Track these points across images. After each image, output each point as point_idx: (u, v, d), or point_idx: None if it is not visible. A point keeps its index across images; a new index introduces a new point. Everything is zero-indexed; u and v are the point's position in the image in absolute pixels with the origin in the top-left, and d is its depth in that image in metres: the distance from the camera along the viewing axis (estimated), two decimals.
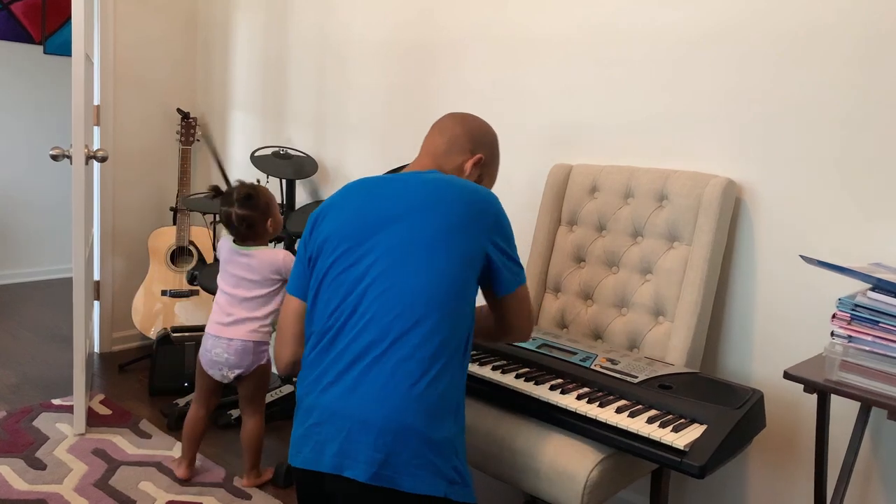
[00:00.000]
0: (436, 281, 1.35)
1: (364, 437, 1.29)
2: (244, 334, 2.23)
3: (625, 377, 1.65)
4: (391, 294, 1.34)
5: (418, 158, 1.64)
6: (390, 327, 1.32)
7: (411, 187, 1.45)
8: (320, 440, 1.34)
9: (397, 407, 1.29)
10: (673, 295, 1.91)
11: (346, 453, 1.30)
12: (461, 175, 1.61)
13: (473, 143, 1.64)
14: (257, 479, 2.36)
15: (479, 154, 1.64)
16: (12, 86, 4.54)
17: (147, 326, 3.28)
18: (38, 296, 4.42)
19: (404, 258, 1.36)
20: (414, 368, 1.30)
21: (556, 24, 2.34)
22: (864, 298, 1.49)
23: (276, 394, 2.84)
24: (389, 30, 2.83)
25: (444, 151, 1.61)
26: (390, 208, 1.42)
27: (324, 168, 3.13)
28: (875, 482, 1.81)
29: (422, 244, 1.37)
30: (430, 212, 1.40)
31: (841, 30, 1.78)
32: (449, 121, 1.66)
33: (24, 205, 4.70)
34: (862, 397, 1.45)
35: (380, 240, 1.39)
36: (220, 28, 3.56)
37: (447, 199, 1.42)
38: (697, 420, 1.49)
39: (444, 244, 1.37)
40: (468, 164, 1.62)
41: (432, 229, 1.38)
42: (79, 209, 2.48)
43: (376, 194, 1.46)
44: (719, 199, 1.87)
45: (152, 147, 3.60)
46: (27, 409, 2.77)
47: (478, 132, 1.65)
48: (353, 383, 1.32)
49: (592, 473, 1.52)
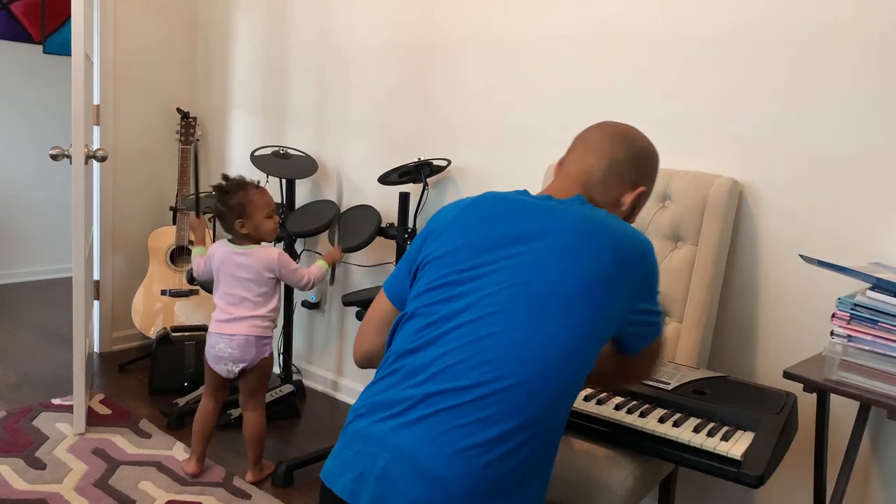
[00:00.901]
0: (551, 352, 1.09)
1: (412, 486, 1.06)
2: (246, 329, 2.26)
3: (657, 384, 1.61)
4: (490, 343, 1.10)
5: (562, 181, 1.31)
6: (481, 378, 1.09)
7: (557, 217, 1.18)
8: (366, 472, 1.10)
9: (461, 473, 1.05)
10: (680, 295, 1.91)
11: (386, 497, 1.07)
12: (615, 210, 1.31)
13: (638, 173, 1.31)
14: (261, 473, 2.38)
15: (642, 186, 1.32)
16: (12, 86, 4.53)
17: (147, 326, 3.28)
18: (38, 296, 4.42)
19: (523, 305, 1.11)
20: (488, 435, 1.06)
21: (557, 25, 2.34)
22: (863, 298, 1.49)
23: (276, 393, 2.84)
24: (389, 30, 2.83)
25: (601, 180, 1.29)
26: (519, 238, 1.17)
27: (324, 168, 3.13)
28: (874, 481, 1.81)
29: (548, 294, 1.11)
30: (571, 257, 1.13)
31: (842, 32, 1.78)
32: (604, 139, 1.31)
33: (24, 205, 4.70)
34: (861, 396, 1.45)
35: (497, 272, 1.15)
36: (221, 28, 3.56)
37: (597, 241, 1.15)
38: (741, 427, 1.45)
39: (575, 304, 1.11)
40: (628, 198, 1.31)
41: (569, 281, 1.12)
42: (78, 209, 2.48)
43: (509, 217, 1.20)
44: (725, 198, 1.87)
45: (152, 147, 3.60)
46: (27, 409, 2.77)
47: (643, 157, 1.32)
48: (421, 424, 1.09)
49: (628, 481, 1.48)
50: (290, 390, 2.89)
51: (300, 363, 3.29)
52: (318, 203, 2.96)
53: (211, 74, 3.63)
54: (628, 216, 1.35)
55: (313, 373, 3.25)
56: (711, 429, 1.43)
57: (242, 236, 2.30)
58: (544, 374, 1.08)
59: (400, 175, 2.58)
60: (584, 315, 1.11)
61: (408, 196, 2.60)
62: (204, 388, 2.38)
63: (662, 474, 1.68)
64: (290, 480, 2.37)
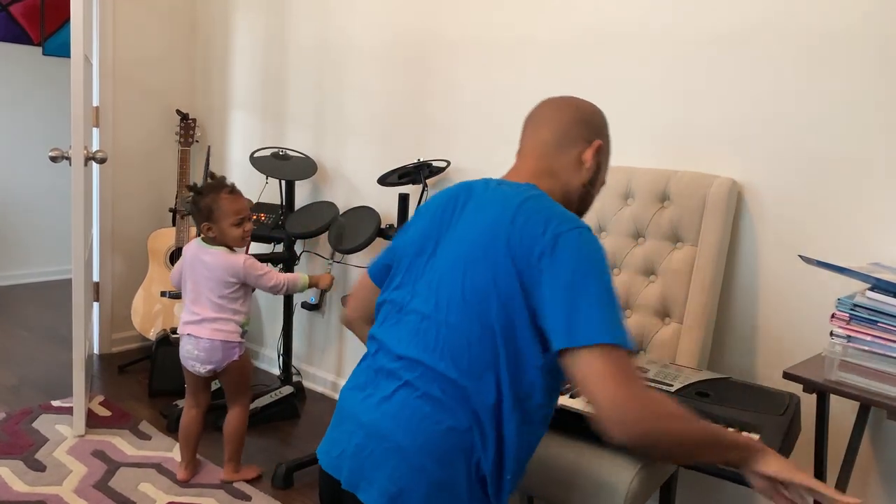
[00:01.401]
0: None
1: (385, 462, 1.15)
2: (209, 333, 2.24)
3: (660, 386, 1.60)
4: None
5: (520, 161, 1.35)
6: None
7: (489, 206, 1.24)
8: (345, 449, 1.22)
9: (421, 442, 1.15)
10: (680, 296, 1.91)
11: (362, 471, 1.18)
12: (580, 168, 1.33)
13: (589, 130, 1.34)
14: (235, 473, 2.35)
15: (597, 141, 1.33)
16: (11, 87, 4.53)
17: (146, 327, 3.28)
18: (37, 297, 4.42)
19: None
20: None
21: (555, 26, 2.34)
22: (863, 298, 1.49)
23: (275, 395, 2.84)
24: (389, 31, 2.83)
25: (556, 146, 1.32)
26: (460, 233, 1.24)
27: (323, 169, 3.13)
28: (874, 482, 1.81)
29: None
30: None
31: (844, 35, 1.78)
32: (550, 109, 1.36)
33: (24, 206, 4.70)
34: (861, 397, 1.45)
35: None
36: (220, 29, 3.56)
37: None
38: (747, 429, 1.44)
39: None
40: (587, 154, 1.32)
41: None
42: (78, 210, 2.48)
43: (460, 210, 1.29)
44: (725, 199, 1.87)
45: (151, 148, 3.60)
46: (27, 411, 2.77)
47: (590, 114, 1.35)
48: (388, 401, 1.19)
49: (633, 484, 1.47)
50: (290, 391, 2.89)
51: (300, 364, 3.28)
52: (317, 204, 2.95)
53: (210, 76, 3.63)
54: (596, 174, 1.36)
55: (313, 374, 3.25)
56: None
57: (210, 239, 2.28)
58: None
59: (399, 176, 2.58)
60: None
61: (407, 197, 2.60)
62: (186, 395, 2.37)
63: (664, 476, 1.68)
64: (289, 482, 2.37)
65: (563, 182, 1.31)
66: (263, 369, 3.44)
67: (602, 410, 1.05)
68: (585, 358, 1.06)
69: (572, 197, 1.33)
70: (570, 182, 1.32)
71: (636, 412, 1.03)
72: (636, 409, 1.04)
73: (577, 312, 1.08)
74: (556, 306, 1.10)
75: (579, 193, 1.34)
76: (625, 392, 1.04)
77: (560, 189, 1.31)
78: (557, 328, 1.09)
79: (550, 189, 1.29)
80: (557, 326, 1.09)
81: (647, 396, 1.06)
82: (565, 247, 1.12)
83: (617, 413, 1.03)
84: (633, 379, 1.06)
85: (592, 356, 1.05)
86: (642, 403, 1.04)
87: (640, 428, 1.04)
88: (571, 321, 1.08)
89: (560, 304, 1.09)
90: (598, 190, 1.40)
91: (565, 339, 1.08)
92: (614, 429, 1.04)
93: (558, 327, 1.09)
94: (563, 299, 1.09)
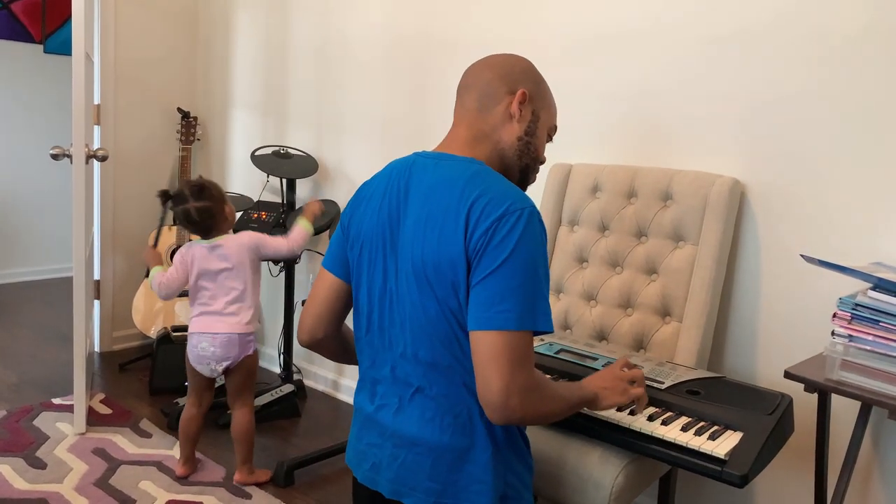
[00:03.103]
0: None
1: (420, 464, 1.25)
2: (228, 327, 2.25)
3: (651, 383, 1.61)
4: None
5: (453, 130, 1.32)
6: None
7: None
8: (376, 462, 1.30)
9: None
10: (681, 295, 1.91)
11: (402, 480, 1.26)
12: (511, 121, 1.30)
13: (509, 81, 1.30)
14: (250, 475, 2.35)
15: (521, 89, 1.30)
16: (12, 85, 4.54)
17: (147, 326, 3.28)
18: (38, 295, 4.42)
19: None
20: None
21: (555, 25, 2.34)
22: (864, 298, 1.49)
23: (276, 393, 2.84)
24: (390, 30, 2.83)
25: (479, 108, 1.29)
26: (410, 213, 1.24)
27: (324, 167, 3.13)
28: (875, 481, 1.81)
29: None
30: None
31: (845, 34, 1.78)
32: (471, 75, 1.33)
33: (25, 204, 4.70)
34: (862, 397, 1.45)
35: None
36: (221, 27, 3.56)
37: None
38: (732, 427, 1.45)
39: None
40: (513, 106, 1.29)
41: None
42: (79, 209, 2.48)
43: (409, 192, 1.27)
44: (727, 198, 1.87)
45: (153, 146, 3.60)
46: (27, 409, 2.77)
47: (508, 66, 1.32)
48: (405, 408, 1.27)
49: (618, 479, 1.49)
50: (291, 390, 2.89)
51: (300, 363, 3.29)
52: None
53: (211, 74, 3.63)
54: (533, 123, 1.32)
55: (314, 372, 3.25)
56: (700, 428, 1.43)
57: (222, 225, 2.29)
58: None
59: None
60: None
61: None
62: (188, 391, 2.36)
63: (658, 473, 1.68)
64: (290, 480, 2.37)
65: (495, 141, 1.29)
66: (264, 367, 3.44)
67: (489, 394, 1.12)
68: (485, 339, 1.12)
69: (509, 154, 1.30)
70: (502, 139, 1.29)
71: (518, 402, 1.12)
72: (520, 400, 1.12)
73: (493, 297, 1.13)
74: (478, 289, 1.14)
75: (517, 148, 1.30)
76: (517, 382, 1.12)
77: (496, 151, 1.29)
78: (473, 311, 1.14)
79: (488, 155, 1.28)
80: (473, 309, 1.14)
81: (532, 386, 1.14)
82: (500, 231, 1.14)
83: (501, 399, 1.11)
84: (525, 367, 1.13)
85: (492, 339, 1.12)
86: (527, 395, 1.13)
87: (517, 416, 1.13)
88: (485, 306, 1.13)
89: (481, 287, 1.14)
90: (546, 138, 1.37)
91: (474, 322, 1.14)
92: (495, 413, 1.13)
93: (473, 310, 1.14)
94: (485, 284, 1.14)
